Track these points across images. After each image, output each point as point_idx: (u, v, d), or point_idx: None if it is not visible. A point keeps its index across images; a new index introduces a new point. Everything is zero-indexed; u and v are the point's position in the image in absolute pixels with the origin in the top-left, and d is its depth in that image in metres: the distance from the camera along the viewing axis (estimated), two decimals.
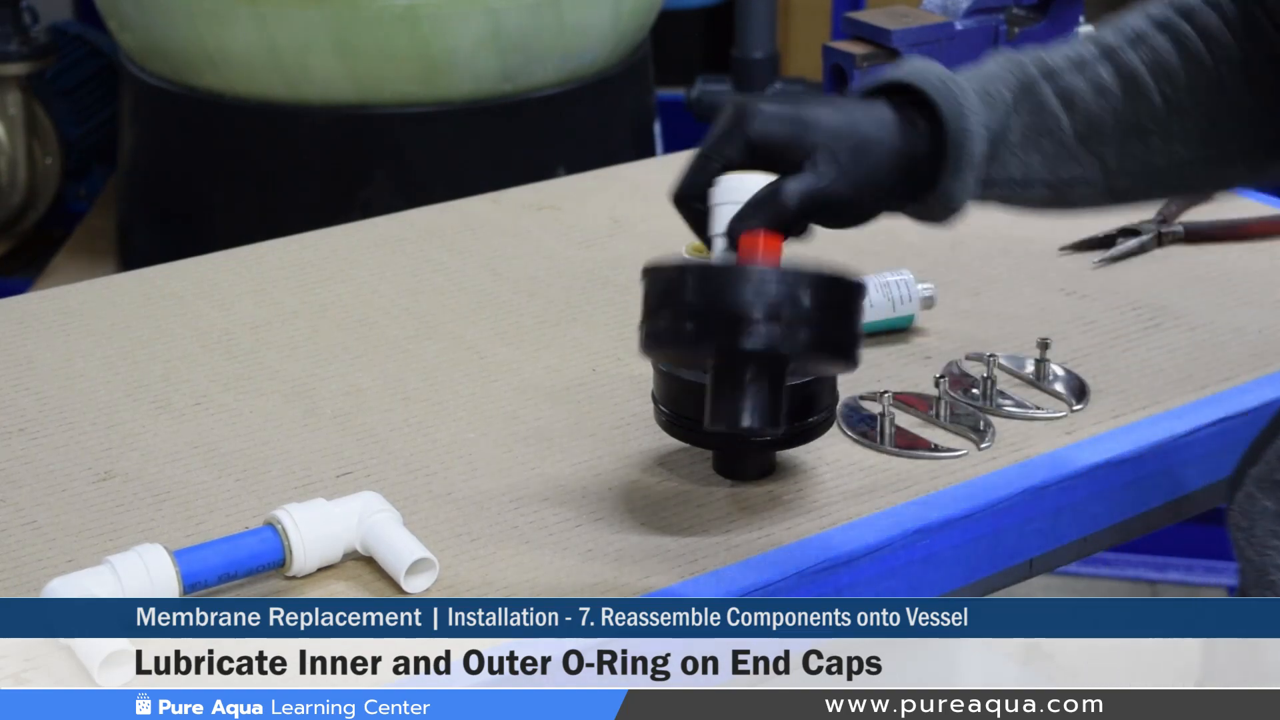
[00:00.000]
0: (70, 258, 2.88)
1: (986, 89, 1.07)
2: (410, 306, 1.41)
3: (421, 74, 2.32)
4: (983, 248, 1.51)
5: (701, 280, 0.99)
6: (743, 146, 1.02)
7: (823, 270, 0.99)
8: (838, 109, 1.04)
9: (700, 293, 0.98)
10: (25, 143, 2.97)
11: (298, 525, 1.04)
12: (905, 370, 1.30)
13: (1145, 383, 1.28)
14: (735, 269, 0.98)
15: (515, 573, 1.06)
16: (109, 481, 1.16)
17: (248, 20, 2.28)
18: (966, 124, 1.04)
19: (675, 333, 1.00)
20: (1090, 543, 1.22)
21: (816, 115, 1.02)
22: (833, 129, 1.02)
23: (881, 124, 1.04)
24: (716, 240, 1.02)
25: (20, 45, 2.92)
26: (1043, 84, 1.08)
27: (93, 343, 1.35)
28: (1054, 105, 1.08)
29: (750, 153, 1.02)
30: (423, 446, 1.20)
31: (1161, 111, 1.10)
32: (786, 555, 1.08)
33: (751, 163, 1.02)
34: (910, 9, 1.77)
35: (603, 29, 2.43)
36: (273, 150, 2.42)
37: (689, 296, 0.99)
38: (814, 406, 1.12)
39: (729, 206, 1.02)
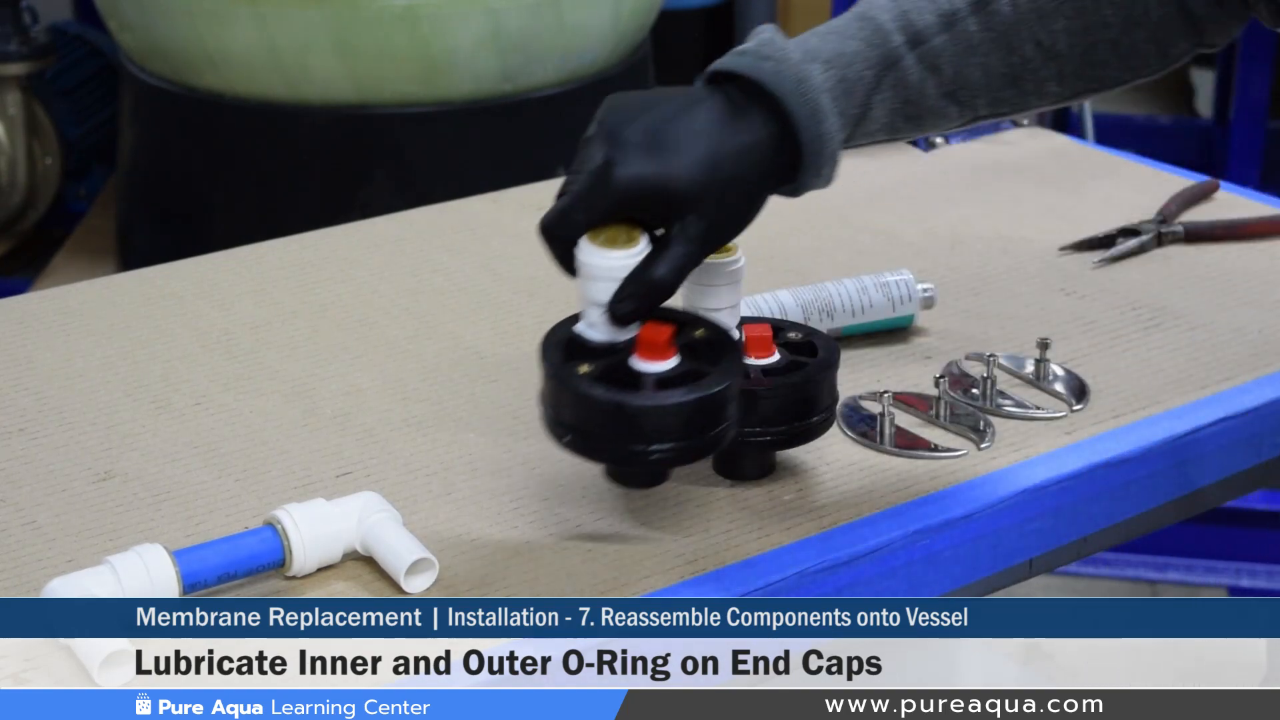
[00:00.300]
0: (70, 258, 2.89)
1: (845, 75, 1.06)
2: (410, 306, 1.41)
3: (421, 74, 2.32)
4: (983, 248, 1.51)
5: (578, 404, 1.02)
6: (606, 210, 1.04)
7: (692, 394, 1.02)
8: (699, 148, 1.03)
9: (578, 417, 1.03)
10: (25, 143, 2.97)
11: (297, 525, 1.04)
12: (905, 370, 1.30)
13: (1145, 383, 1.28)
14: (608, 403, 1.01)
15: (515, 573, 1.06)
16: (109, 481, 1.16)
17: (248, 20, 2.29)
18: (822, 128, 1.05)
19: (556, 435, 1.04)
20: (1090, 543, 1.22)
21: (678, 171, 1.03)
22: (697, 183, 1.03)
23: (745, 153, 1.05)
24: (592, 309, 1.05)
25: (20, 45, 2.92)
26: (906, 56, 1.08)
27: (92, 343, 1.35)
28: (918, 76, 1.08)
29: (614, 214, 1.04)
30: (423, 446, 1.20)
31: (1035, 60, 1.10)
32: (786, 555, 1.08)
33: (617, 219, 1.04)
34: None
35: (603, 29, 2.43)
36: (273, 150, 2.42)
37: (566, 417, 1.03)
38: (814, 407, 1.12)
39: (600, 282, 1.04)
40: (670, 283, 1.03)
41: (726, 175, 1.04)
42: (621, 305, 1.03)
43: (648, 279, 1.03)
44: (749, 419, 1.10)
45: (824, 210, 1.60)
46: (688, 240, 1.03)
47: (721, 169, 1.03)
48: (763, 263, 1.46)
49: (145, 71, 2.48)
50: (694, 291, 1.13)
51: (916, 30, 1.08)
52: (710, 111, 1.05)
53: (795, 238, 1.54)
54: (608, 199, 1.03)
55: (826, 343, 1.15)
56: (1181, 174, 1.67)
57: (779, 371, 1.12)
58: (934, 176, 1.68)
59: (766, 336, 1.12)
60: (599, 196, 1.03)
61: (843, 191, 1.64)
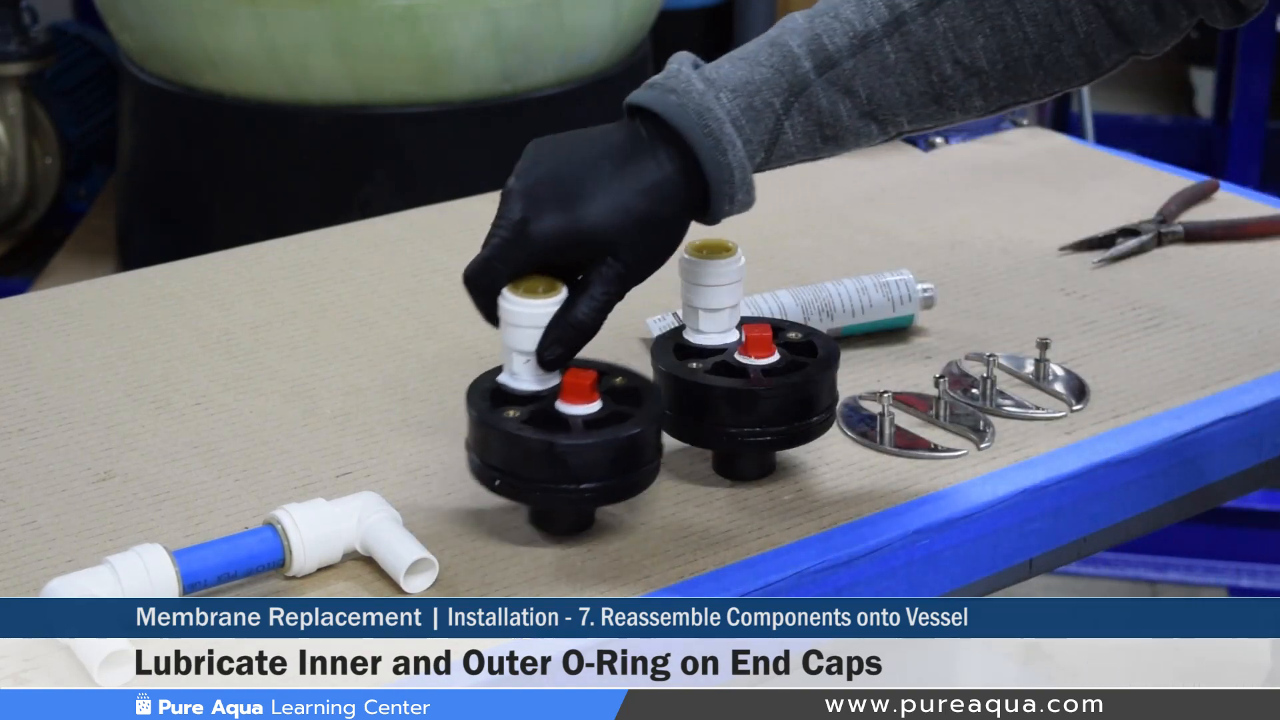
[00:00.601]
0: (70, 258, 2.89)
1: (752, 103, 1.08)
2: (410, 306, 1.41)
3: (421, 74, 2.32)
4: (983, 248, 1.51)
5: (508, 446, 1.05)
6: (525, 262, 1.07)
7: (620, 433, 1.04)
8: (609, 193, 1.06)
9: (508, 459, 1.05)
10: (25, 143, 2.97)
11: (297, 525, 1.04)
12: (905, 370, 1.30)
13: (1145, 383, 1.28)
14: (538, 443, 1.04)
15: (515, 573, 1.06)
16: (108, 482, 1.16)
17: (247, 20, 2.28)
18: (726, 158, 1.07)
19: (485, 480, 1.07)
20: (1090, 543, 1.22)
21: (591, 219, 1.06)
22: (610, 227, 1.06)
23: (654, 190, 1.07)
24: (515, 358, 1.07)
25: (20, 45, 2.92)
26: (815, 83, 1.08)
27: (92, 343, 1.35)
28: (828, 101, 1.08)
29: (533, 265, 1.07)
30: (422, 446, 1.20)
31: (956, 78, 1.10)
32: (786, 555, 1.08)
33: (538, 272, 1.07)
34: None
35: (602, 29, 2.43)
36: (272, 150, 2.42)
37: (496, 461, 1.05)
38: (813, 407, 1.12)
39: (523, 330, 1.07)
40: (592, 323, 1.06)
41: (638, 215, 1.06)
42: (549, 350, 1.06)
43: (571, 321, 1.06)
44: (749, 419, 1.10)
45: (824, 210, 1.60)
46: (606, 281, 1.07)
47: (632, 211, 1.06)
48: (763, 263, 1.46)
49: (145, 71, 2.48)
50: (694, 292, 1.13)
51: (827, 54, 1.08)
52: (619, 152, 1.08)
53: (795, 238, 1.54)
54: (525, 251, 1.06)
55: (826, 343, 1.15)
56: (1181, 174, 1.67)
57: (779, 371, 1.12)
58: (934, 176, 1.68)
59: (766, 336, 1.12)
60: (517, 249, 1.06)
61: (843, 191, 1.65)
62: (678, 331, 1.16)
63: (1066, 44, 1.10)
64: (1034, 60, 1.10)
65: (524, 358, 1.07)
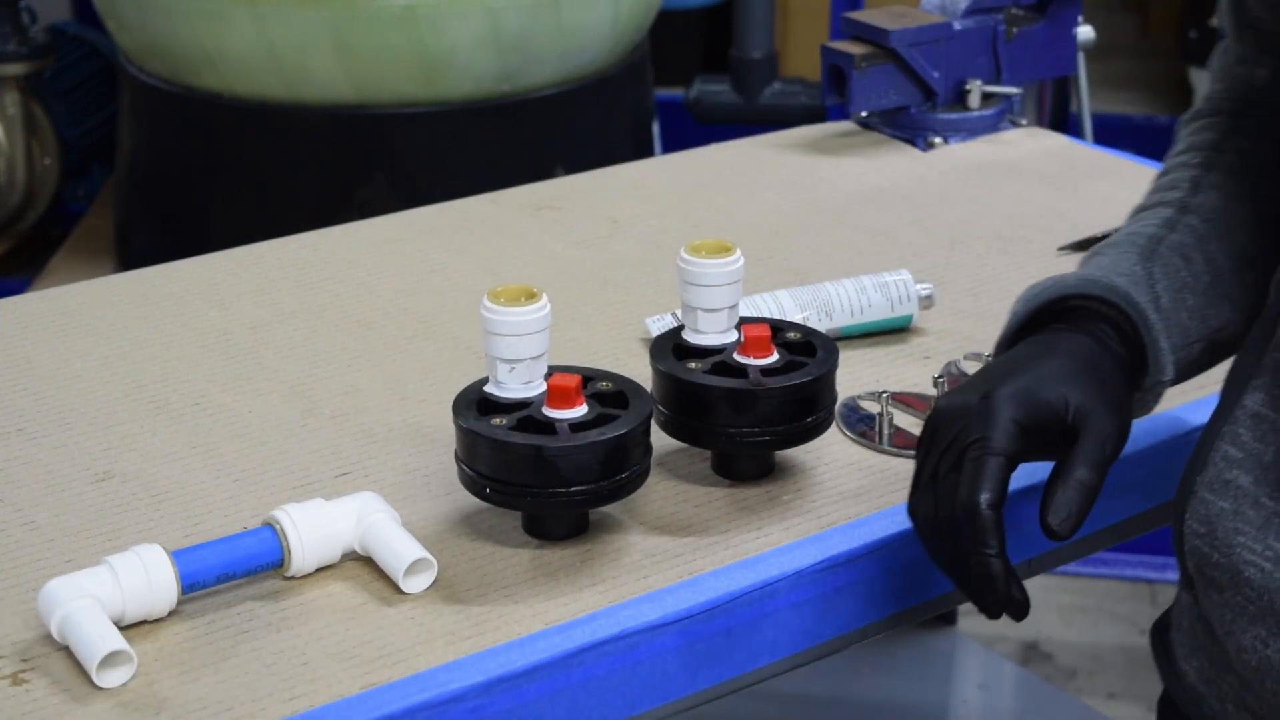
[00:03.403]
0: (68, 258, 2.89)
1: (1116, 267, 1.09)
2: (409, 306, 1.41)
3: (420, 74, 2.32)
4: (982, 248, 1.51)
5: (496, 453, 1.04)
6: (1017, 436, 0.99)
7: (608, 434, 1.04)
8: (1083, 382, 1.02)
9: (497, 466, 1.05)
10: (24, 143, 2.97)
11: (296, 525, 1.04)
12: (904, 370, 1.30)
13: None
14: (527, 447, 1.04)
15: (514, 573, 1.06)
16: (107, 482, 1.16)
17: (246, 20, 2.28)
18: (1147, 313, 1.06)
19: (475, 490, 1.07)
20: (1090, 543, 1.22)
21: (1072, 396, 1.01)
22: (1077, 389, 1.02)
23: (1103, 356, 1.04)
24: (500, 364, 1.07)
25: (19, 45, 2.92)
26: (1162, 252, 1.10)
27: (91, 343, 1.35)
28: (1178, 263, 1.10)
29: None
30: (422, 446, 1.20)
31: (1255, 229, 1.12)
32: (786, 555, 1.08)
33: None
34: (909, 9, 1.77)
35: (601, 29, 2.43)
36: (271, 150, 2.42)
37: (485, 469, 1.05)
38: (812, 407, 1.12)
39: (507, 338, 1.06)
40: (1096, 482, 0.99)
41: (1105, 387, 1.03)
42: (1068, 519, 0.98)
43: (1076, 479, 0.99)
44: (748, 419, 1.10)
45: (823, 210, 1.60)
46: (1101, 444, 1.00)
47: (1102, 385, 1.03)
48: (762, 263, 1.46)
49: (144, 72, 2.48)
50: (693, 292, 1.13)
51: (1151, 233, 1.12)
52: (1069, 358, 1.04)
53: (794, 238, 1.54)
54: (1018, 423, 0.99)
55: (825, 343, 1.15)
56: None
57: (778, 371, 1.12)
58: (933, 176, 1.68)
59: (765, 336, 1.12)
60: (1007, 425, 0.99)
61: (842, 191, 1.65)
62: (677, 331, 1.16)
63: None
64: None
65: (508, 366, 1.07)
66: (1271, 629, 0.97)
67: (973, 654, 2.22)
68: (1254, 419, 1.01)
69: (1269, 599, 0.97)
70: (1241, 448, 1.01)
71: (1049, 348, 1.04)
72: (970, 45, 1.75)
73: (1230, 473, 1.01)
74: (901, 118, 1.76)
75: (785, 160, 1.72)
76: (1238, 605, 0.99)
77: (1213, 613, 1.02)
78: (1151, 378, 1.07)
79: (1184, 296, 1.09)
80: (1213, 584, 1.01)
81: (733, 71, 3.00)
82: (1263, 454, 1.00)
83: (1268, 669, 0.98)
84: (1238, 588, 0.99)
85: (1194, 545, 1.03)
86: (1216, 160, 1.15)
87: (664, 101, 2.98)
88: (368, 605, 1.03)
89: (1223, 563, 1.00)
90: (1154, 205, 1.15)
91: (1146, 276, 1.08)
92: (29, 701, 0.95)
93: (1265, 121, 1.16)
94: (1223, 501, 1.01)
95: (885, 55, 1.72)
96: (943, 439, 1.00)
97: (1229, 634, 1.00)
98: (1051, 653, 2.69)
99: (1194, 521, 1.03)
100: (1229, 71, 1.19)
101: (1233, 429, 1.02)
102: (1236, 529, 1.00)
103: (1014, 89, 1.78)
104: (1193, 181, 1.15)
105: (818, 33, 2.91)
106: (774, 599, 1.06)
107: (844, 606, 1.09)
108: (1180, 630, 1.09)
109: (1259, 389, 1.02)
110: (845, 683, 2.12)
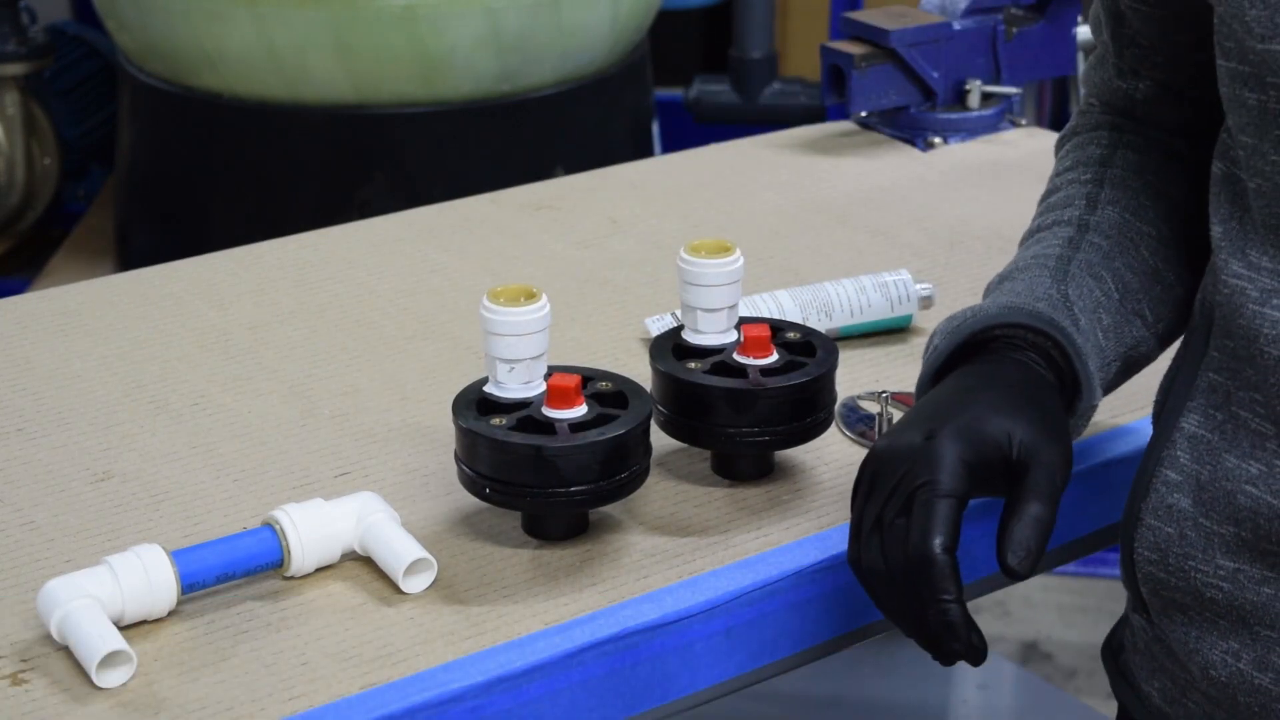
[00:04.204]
0: (68, 258, 2.88)
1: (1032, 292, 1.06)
2: (408, 306, 1.41)
3: (420, 74, 2.32)
4: (981, 248, 1.51)
5: (496, 453, 1.04)
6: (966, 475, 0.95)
7: (607, 434, 1.04)
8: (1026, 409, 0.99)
9: (497, 466, 1.05)
10: (23, 143, 2.97)
11: (296, 525, 1.04)
12: (903, 370, 1.30)
13: (1143, 382, 1.28)
14: (527, 448, 1.04)
15: (514, 573, 1.06)
16: (107, 482, 1.16)
17: (246, 20, 2.28)
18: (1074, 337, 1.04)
19: (476, 490, 1.07)
20: (1089, 542, 1.21)
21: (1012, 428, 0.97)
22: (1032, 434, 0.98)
23: (1039, 385, 1.02)
24: (500, 364, 1.07)
25: (18, 45, 2.92)
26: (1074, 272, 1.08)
27: (91, 343, 1.35)
28: (1090, 284, 1.08)
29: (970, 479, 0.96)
30: (421, 447, 1.20)
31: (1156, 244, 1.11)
32: (785, 555, 1.08)
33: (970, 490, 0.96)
34: (908, 9, 1.77)
35: (601, 29, 2.43)
36: (271, 150, 2.42)
37: (485, 469, 1.05)
38: (812, 407, 1.12)
39: (506, 338, 1.06)
40: (1050, 519, 0.95)
41: (1046, 408, 1.00)
42: (1027, 557, 0.94)
43: (1029, 518, 0.95)
44: (747, 419, 1.10)
45: (823, 210, 1.60)
46: (1051, 480, 0.96)
47: (1044, 408, 1.00)
48: (762, 263, 1.46)
49: (143, 72, 2.48)
50: (693, 292, 1.13)
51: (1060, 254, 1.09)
52: (1003, 382, 1.01)
53: (794, 238, 1.54)
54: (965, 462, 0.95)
55: (825, 343, 1.15)
56: None
57: (777, 371, 1.12)
58: (933, 176, 1.68)
59: (765, 336, 1.12)
60: (957, 464, 0.95)
61: (842, 191, 1.65)
62: (676, 331, 1.16)
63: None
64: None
65: (508, 366, 1.07)
66: (1244, 641, 0.97)
67: None
68: (1190, 441, 1.01)
69: (1238, 614, 0.97)
70: (1180, 471, 1.01)
71: (985, 380, 1.00)
72: (970, 45, 1.75)
73: (1171, 497, 1.01)
74: (901, 118, 1.76)
75: (785, 160, 1.72)
76: (1205, 623, 0.99)
77: (1172, 633, 1.02)
78: (1085, 402, 1.05)
79: (1099, 316, 1.07)
80: (1173, 605, 1.01)
81: (732, 71, 3.00)
82: (1199, 474, 1.00)
83: (1239, 682, 0.97)
84: (1202, 608, 0.99)
85: (1148, 572, 1.02)
86: (1106, 175, 1.13)
87: (664, 101, 2.98)
88: (367, 605, 1.03)
89: (1181, 585, 1.00)
90: (1051, 225, 1.12)
91: (1063, 299, 1.05)
92: (29, 701, 0.95)
93: (1149, 135, 1.15)
94: (1168, 527, 1.01)
95: (885, 55, 1.72)
96: (886, 483, 0.95)
97: (1193, 652, 1.00)
98: (1051, 653, 2.69)
99: (1143, 549, 1.02)
100: (1108, 85, 1.16)
101: (1171, 453, 1.01)
102: (1185, 554, 1.00)
103: (1013, 89, 1.78)
104: (1087, 199, 1.12)
105: (817, 33, 2.91)
106: (774, 599, 1.06)
107: (844, 606, 1.09)
108: (1137, 653, 1.09)
109: (1194, 410, 1.01)
110: (845, 683, 2.12)
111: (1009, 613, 2.76)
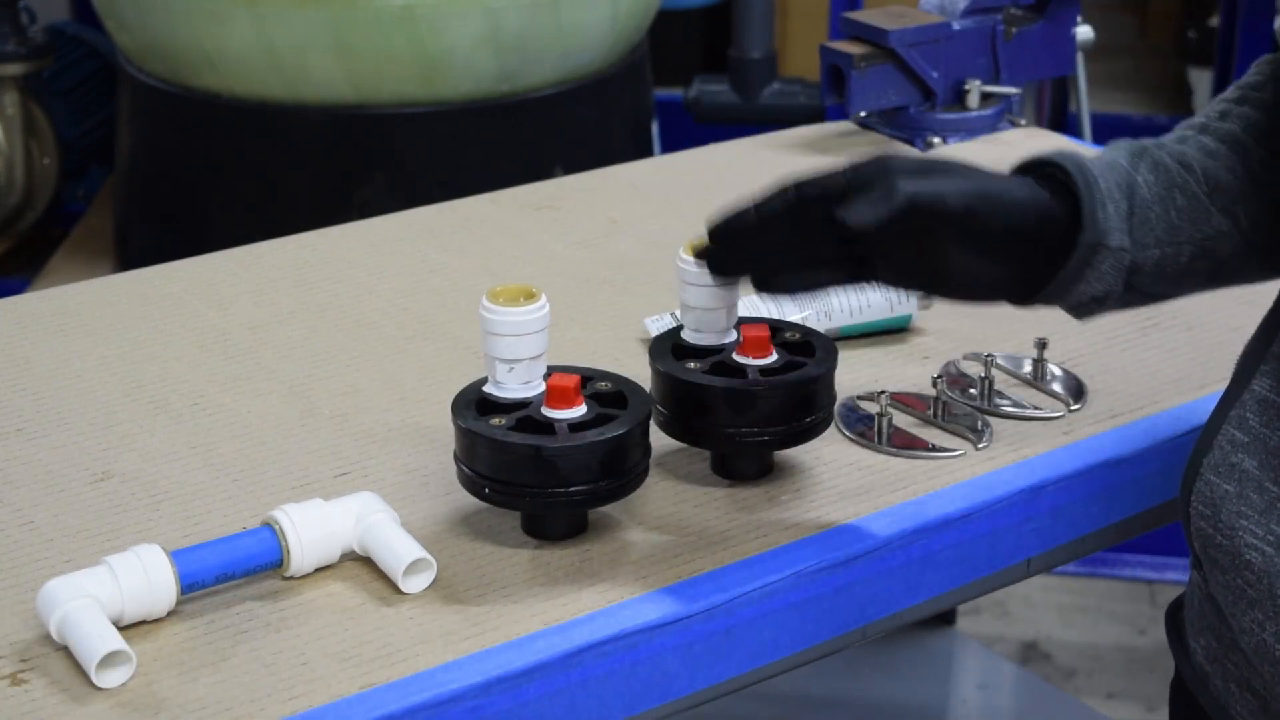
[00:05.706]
0: (68, 258, 2.88)
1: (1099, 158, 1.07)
2: (408, 306, 1.41)
3: (419, 74, 2.32)
4: None
5: (496, 453, 1.05)
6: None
7: (606, 434, 1.04)
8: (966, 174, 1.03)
9: (496, 466, 1.05)
10: (23, 143, 2.97)
11: (295, 525, 1.04)
12: (903, 370, 1.30)
13: (1143, 383, 1.28)
14: (526, 448, 1.04)
15: (513, 573, 1.06)
16: (106, 482, 1.16)
17: (245, 20, 2.28)
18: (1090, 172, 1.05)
19: (475, 490, 1.07)
20: (1088, 542, 1.22)
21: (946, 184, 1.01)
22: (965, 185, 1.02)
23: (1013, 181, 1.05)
24: (499, 364, 1.07)
25: (18, 45, 2.92)
26: (1152, 149, 1.09)
27: (90, 343, 1.35)
28: (1172, 165, 1.08)
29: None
30: (421, 447, 1.20)
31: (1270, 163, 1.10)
32: (785, 555, 1.08)
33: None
34: (908, 9, 1.77)
35: (600, 29, 2.43)
36: (270, 150, 2.42)
37: (484, 469, 1.05)
38: (811, 407, 1.12)
39: (505, 339, 1.07)
40: (904, 202, 0.99)
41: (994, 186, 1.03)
42: (853, 211, 0.99)
43: (886, 190, 1.00)
44: (747, 419, 1.10)
45: None
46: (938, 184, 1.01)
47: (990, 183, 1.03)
48: None
49: (143, 72, 2.48)
50: (692, 292, 1.13)
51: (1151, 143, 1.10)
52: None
53: None
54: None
55: (824, 343, 1.15)
56: None
57: (777, 371, 1.12)
58: None
59: (764, 336, 1.12)
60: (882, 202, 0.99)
61: None
62: (676, 331, 1.16)
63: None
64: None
65: (507, 366, 1.07)
66: (1269, 613, 0.97)
67: (972, 654, 2.22)
68: (1261, 404, 1.01)
69: (1268, 583, 0.97)
70: (1248, 432, 1.01)
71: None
72: (969, 45, 1.75)
73: (1235, 456, 1.01)
74: (900, 118, 1.76)
75: (784, 160, 1.72)
76: (1238, 588, 1.00)
77: (1219, 593, 1.02)
78: (1088, 235, 1.04)
79: (1172, 195, 1.07)
80: (1216, 565, 1.02)
81: (732, 71, 3.00)
82: (1269, 439, 1.00)
83: (1264, 652, 0.98)
84: (1238, 570, 0.99)
85: (1199, 526, 1.03)
86: (1248, 96, 1.12)
87: (663, 101, 2.98)
88: (367, 605, 1.03)
89: (1225, 545, 1.00)
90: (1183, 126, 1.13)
91: (1129, 163, 1.07)
92: (28, 701, 0.95)
93: None
94: (1227, 484, 1.01)
95: (884, 55, 1.72)
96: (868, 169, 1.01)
97: (1233, 614, 1.01)
98: (1051, 653, 2.69)
99: (1199, 503, 1.03)
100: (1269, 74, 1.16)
101: (1240, 413, 1.02)
102: (1240, 512, 1.00)
103: (1013, 89, 1.78)
104: (1221, 113, 1.12)
105: (817, 33, 2.91)
106: (774, 599, 1.06)
107: (844, 606, 1.09)
108: (1191, 609, 1.09)
109: (1267, 374, 1.02)
110: (845, 683, 2.12)
111: (1009, 613, 2.76)
